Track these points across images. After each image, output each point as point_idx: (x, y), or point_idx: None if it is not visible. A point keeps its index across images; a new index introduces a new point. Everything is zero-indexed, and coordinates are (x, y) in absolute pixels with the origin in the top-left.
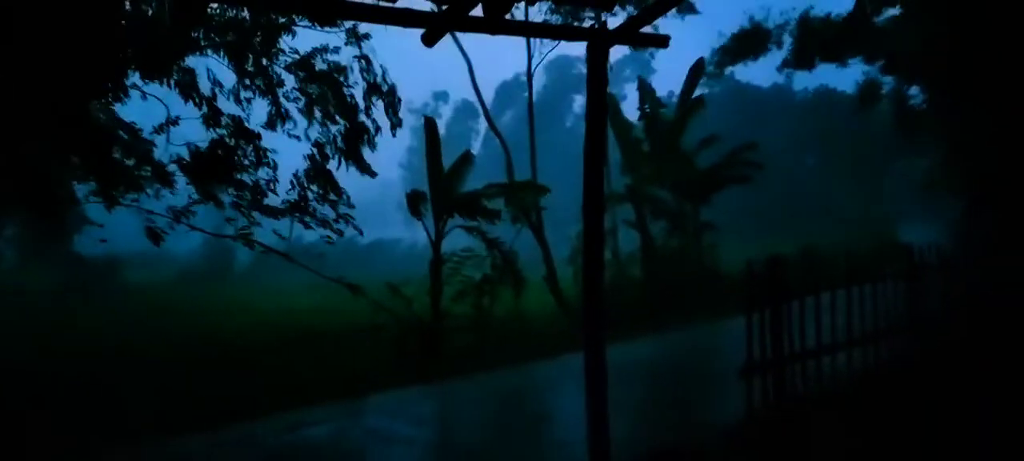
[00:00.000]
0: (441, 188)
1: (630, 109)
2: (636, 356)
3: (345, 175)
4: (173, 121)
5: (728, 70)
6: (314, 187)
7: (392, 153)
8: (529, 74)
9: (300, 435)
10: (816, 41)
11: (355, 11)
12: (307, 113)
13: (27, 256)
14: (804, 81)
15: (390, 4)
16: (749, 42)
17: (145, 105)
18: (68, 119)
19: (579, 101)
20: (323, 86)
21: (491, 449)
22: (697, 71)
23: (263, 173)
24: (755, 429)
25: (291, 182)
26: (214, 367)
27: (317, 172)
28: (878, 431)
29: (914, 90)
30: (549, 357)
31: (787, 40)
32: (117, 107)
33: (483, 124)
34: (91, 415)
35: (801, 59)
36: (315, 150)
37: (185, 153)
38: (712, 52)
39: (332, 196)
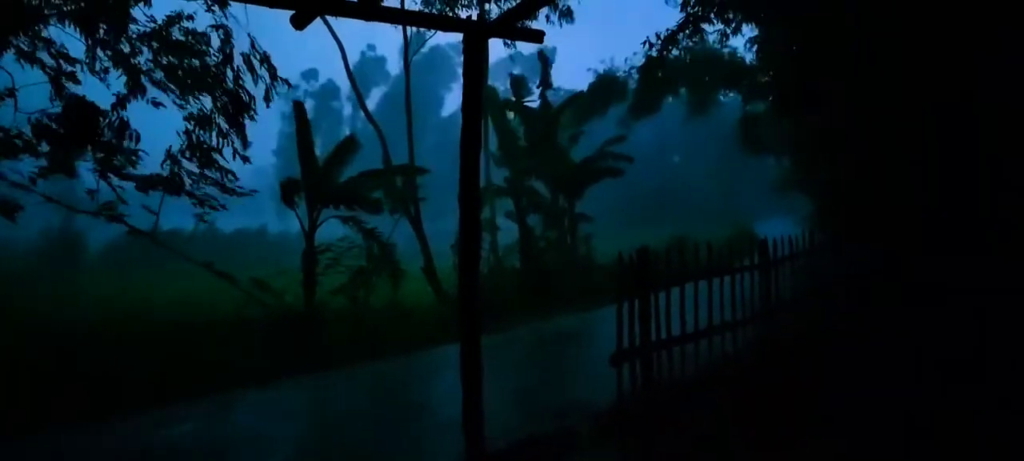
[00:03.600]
0: (315, 176)
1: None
2: (512, 345)
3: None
4: (11, 91)
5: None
6: (189, 160)
7: (265, 139)
8: (407, 61)
9: (161, 435)
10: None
11: None
12: (169, 85)
13: None
14: None
15: None
16: (604, 94)
17: None
18: None
19: (456, 92)
20: (184, 57)
21: (365, 440)
22: (546, 61)
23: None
24: (624, 413)
25: (165, 154)
26: (83, 359)
27: (194, 146)
28: (736, 413)
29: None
30: (427, 347)
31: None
32: None
33: (347, 107)
34: None
35: (641, 107)
36: (190, 123)
37: (28, 128)
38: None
39: (211, 173)
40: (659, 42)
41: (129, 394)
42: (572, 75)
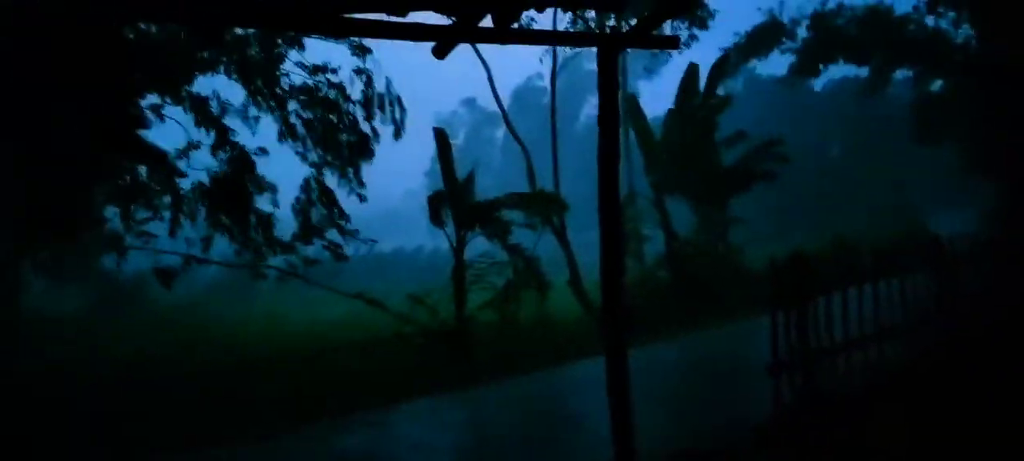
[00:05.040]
0: (458, 197)
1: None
2: (664, 356)
3: (374, 186)
4: (194, 145)
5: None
6: (317, 208)
7: (417, 162)
8: (553, 77)
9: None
10: (832, 40)
11: (366, 28)
12: (309, 130)
13: (58, 278)
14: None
15: (400, 19)
16: (764, 38)
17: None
18: (107, 136)
19: (593, 100)
20: (327, 112)
21: (518, 451)
22: (720, 67)
23: (265, 203)
24: (783, 425)
25: (293, 208)
26: (260, 378)
27: (319, 194)
28: (907, 427)
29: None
30: (575, 360)
31: (801, 33)
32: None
33: (503, 130)
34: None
35: (807, 67)
36: (314, 171)
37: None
38: (724, 50)
39: (336, 216)
40: None
41: (304, 408)
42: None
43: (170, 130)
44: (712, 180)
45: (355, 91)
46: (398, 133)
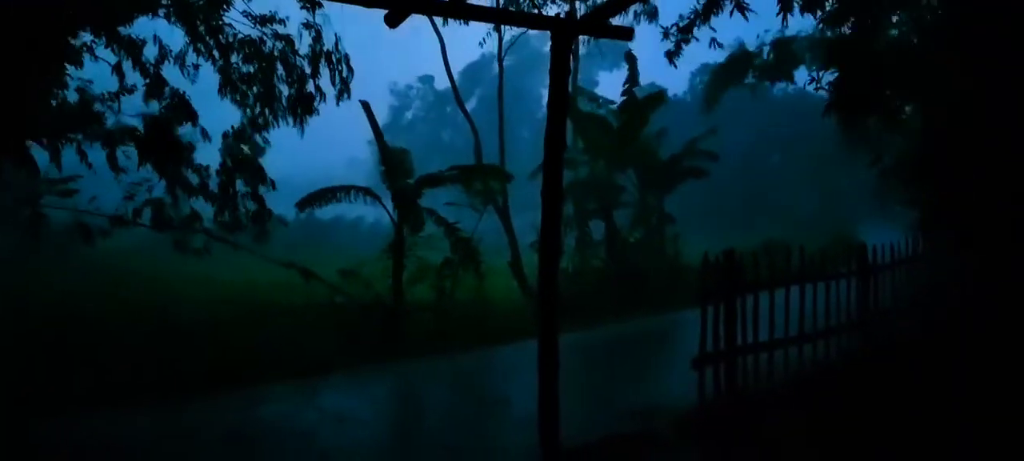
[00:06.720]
0: (394, 170)
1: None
2: (593, 343)
3: (313, 150)
4: (128, 89)
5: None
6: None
7: (364, 130)
8: (500, 58)
9: (256, 414)
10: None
11: None
12: (250, 84)
13: None
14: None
15: None
16: (735, 68)
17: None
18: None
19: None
20: (267, 65)
21: (442, 431)
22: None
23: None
24: (706, 417)
25: (217, 171)
26: (184, 339)
27: (240, 162)
28: (821, 423)
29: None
30: (509, 341)
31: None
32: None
33: (451, 106)
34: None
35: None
36: (239, 127)
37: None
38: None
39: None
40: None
41: (227, 372)
42: (658, 73)
43: (102, 74)
44: (646, 173)
45: (303, 45)
46: (343, 95)
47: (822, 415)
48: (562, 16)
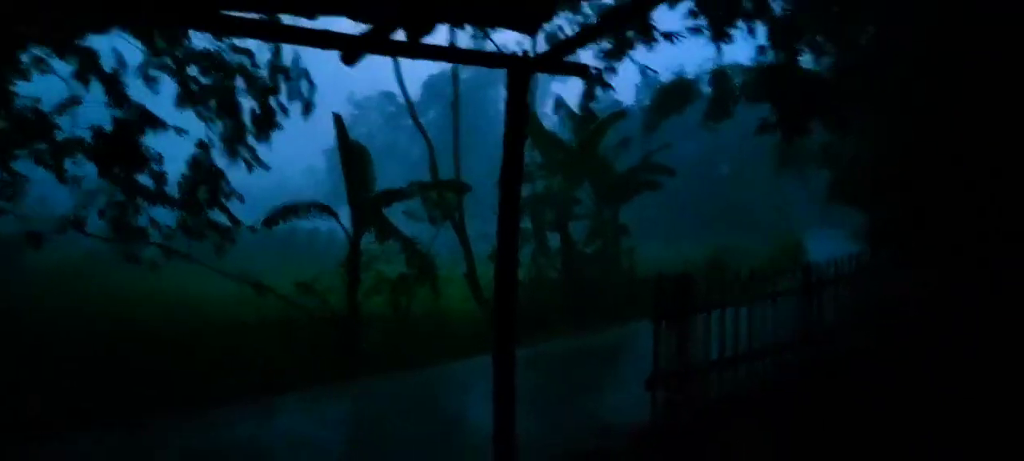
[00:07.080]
0: (354, 185)
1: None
2: (549, 358)
3: (269, 158)
4: (76, 100)
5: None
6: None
7: (321, 140)
8: (454, 79)
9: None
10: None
11: (274, 32)
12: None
13: None
14: None
15: (309, 26)
16: (673, 97)
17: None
18: None
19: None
20: (228, 78)
21: (394, 453)
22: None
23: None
24: (659, 435)
25: (178, 184)
26: (132, 358)
27: (205, 172)
28: (775, 438)
29: None
30: (465, 356)
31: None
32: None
33: (410, 121)
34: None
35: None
36: (209, 139)
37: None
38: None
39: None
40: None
41: (179, 392)
42: (622, 91)
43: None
44: (602, 187)
45: (261, 59)
46: (308, 109)
47: (774, 427)
48: (519, 54)
